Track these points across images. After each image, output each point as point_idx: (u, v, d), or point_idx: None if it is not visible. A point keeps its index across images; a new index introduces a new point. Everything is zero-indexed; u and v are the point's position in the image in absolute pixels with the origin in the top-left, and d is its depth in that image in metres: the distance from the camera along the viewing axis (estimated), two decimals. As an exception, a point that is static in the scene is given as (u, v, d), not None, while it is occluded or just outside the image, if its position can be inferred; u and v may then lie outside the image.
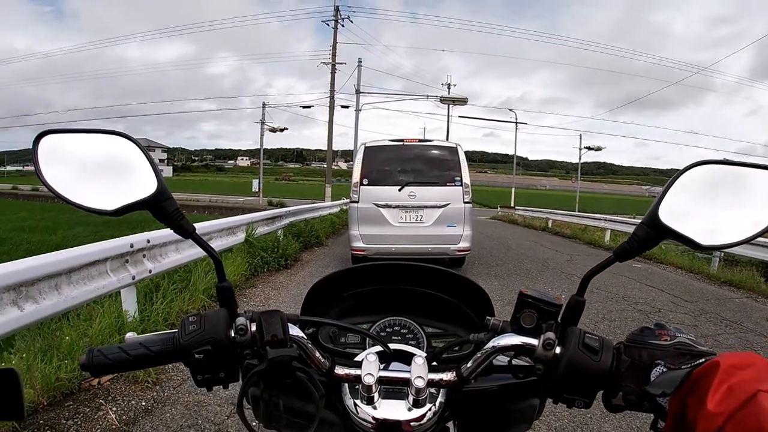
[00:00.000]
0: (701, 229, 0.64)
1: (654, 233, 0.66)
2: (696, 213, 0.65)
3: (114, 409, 3.08)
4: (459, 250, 7.66)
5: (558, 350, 0.68)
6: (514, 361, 0.79)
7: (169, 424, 2.96)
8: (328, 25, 28.81)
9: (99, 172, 0.71)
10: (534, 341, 0.70)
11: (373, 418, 0.74)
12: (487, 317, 0.77)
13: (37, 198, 36.54)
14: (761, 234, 0.63)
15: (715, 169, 0.66)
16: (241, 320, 0.71)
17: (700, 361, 0.58)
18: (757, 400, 0.47)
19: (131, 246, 4.20)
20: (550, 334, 0.69)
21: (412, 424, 0.74)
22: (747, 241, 0.63)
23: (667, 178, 0.68)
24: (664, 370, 0.62)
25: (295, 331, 0.75)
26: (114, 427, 2.89)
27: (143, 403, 3.19)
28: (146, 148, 0.74)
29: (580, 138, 41.80)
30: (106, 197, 0.69)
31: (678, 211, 0.65)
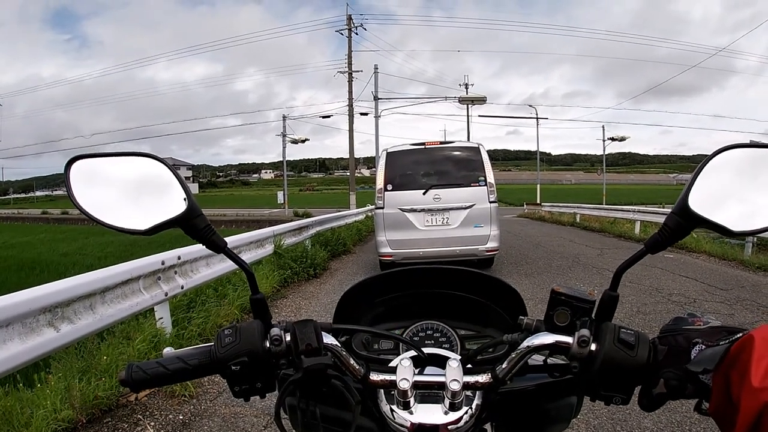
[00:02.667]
0: (733, 215, 0.63)
1: (685, 222, 0.65)
2: (726, 199, 0.64)
3: (152, 423, 3.12)
4: (487, 251, 7.61)
5: (593, 347, 0.68)
6: (550, 360, 0.78)
7: (207, 437, 2.99)
8: (342, 34, 29.02)
9: (130, 193, 0.73)
10: (569, 339, 0.70)
11: (410, 423, 0.74)
12: (521, 317, 0.77)
13: (67, 221, 37.33)
14: None
15: (743, 153, 0.65)
16: (275, 331, 0.72)
17: (738, 335, 0.58)
18: None
19: (162, 263, 4.26)
20: (585, 331, 0.69)
21: (449, 427, 0.74)
22: None
23: (693, 164, 0.67)
24: (703, 347, 0.61)
25: (328, 339, 0.75)
26: (153, 442, 2.94)
27: (180, 417, 3.23)
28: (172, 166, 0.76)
29: (603, 129, 41.19)
30: (139, 217, 0.72)
31: (708, 198, 0.64)
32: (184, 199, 0.72)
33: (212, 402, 3.45)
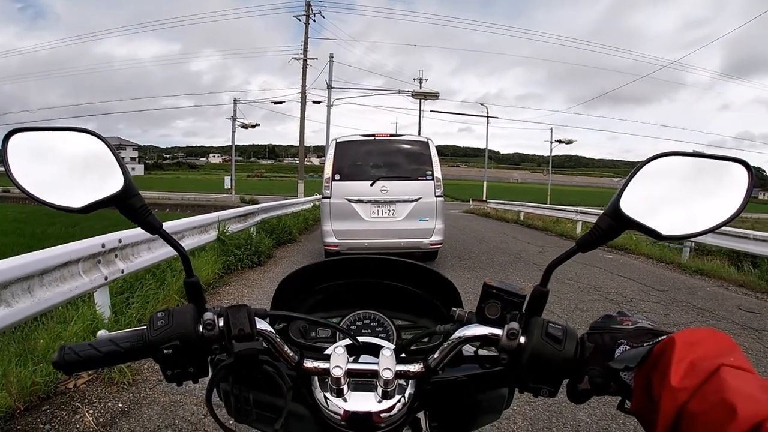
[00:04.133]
0: (663, 220, 0.65)
1: (616, 224, 0.67)
2: (658, 204, 0.65)
3: (91, 411, 3.07)
4: (432, 244, 7.73)
5: (522, 340, 0.70)
6: (481, 352, 0.79)
7: (146, 425, 2.96)
8: (299, 20, 28.64)
9: (68, 170, 0.71)
10: (498, 331, 0.72)
11: (344, 410, 0.75)
12: (453, 308, 0.79)
13: (8, 200, 35.63)
14: (723, 225, 0.65)
15: (677, 161, 0.66)
16: (208, 315, 0.73)
17: (661, 338, 0.61)
18: (720, 375, 0.49)
19: (103, 246, 4.17)
20: (514, 324, 0.71)
21: (382, 415, 0.75)
22: (708, 232, 0.65)
23: (638, 170, 0.70)
24: (627, 348, 0.64)
25: (263, 325, 0.76)
26: (91, 429, 2.89)
27: (120, 405, 3.18)
28: (117, 146, 0.75)
29: (551, 131, 42.36)
30: (75, 195, 0.70)
31: (640, 202, 0.65)
32: (122, 179, 0.70)
33: (152, 390, 3.41)
